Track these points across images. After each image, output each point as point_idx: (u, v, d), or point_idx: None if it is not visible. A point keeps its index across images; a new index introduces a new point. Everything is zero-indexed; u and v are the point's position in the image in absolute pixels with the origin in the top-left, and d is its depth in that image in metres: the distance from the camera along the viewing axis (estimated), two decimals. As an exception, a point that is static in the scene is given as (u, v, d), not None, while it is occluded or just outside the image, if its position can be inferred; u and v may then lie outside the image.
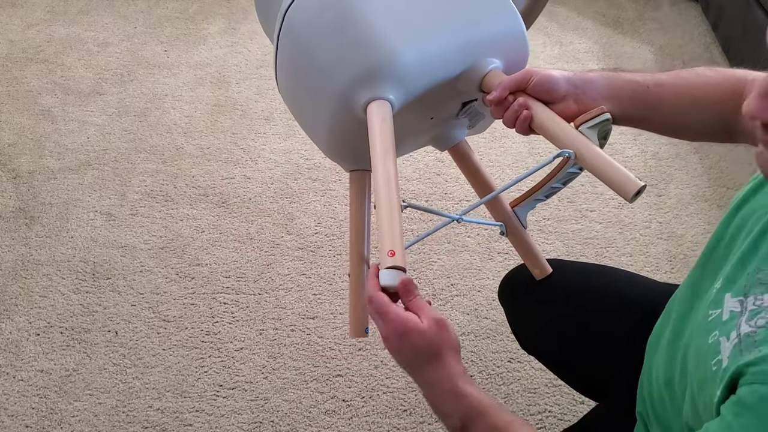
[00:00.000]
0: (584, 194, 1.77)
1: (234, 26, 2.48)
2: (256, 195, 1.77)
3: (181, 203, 1.74)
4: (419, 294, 0.65)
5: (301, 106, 0.83)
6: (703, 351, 0.56)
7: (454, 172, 1.83)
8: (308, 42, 0.76)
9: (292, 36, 0.78)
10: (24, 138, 1.95)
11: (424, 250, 1.61)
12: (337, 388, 1.34)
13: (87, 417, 1.29)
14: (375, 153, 0.70)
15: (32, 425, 1.28)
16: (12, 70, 2.22)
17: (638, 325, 0.81)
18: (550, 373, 1.36)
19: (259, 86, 2.17)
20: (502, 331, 1.43)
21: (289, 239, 1.65)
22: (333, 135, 0.79)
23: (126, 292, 1.51)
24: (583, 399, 1.32)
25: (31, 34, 2.40)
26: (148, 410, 1.30)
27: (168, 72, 2.22)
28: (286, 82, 0.83)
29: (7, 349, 1.40)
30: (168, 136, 1.96)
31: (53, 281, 1.54)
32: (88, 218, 1.69)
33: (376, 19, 0.73)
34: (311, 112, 0.81)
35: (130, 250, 1.61)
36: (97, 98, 2.11)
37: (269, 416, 1.30)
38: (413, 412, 1.30)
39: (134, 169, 1.85)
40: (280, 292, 1.52)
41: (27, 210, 1.72)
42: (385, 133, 0.71)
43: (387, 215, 0.66)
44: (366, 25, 0.73)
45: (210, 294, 1.51)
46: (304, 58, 0.78)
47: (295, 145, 1.94)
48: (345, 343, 1.42)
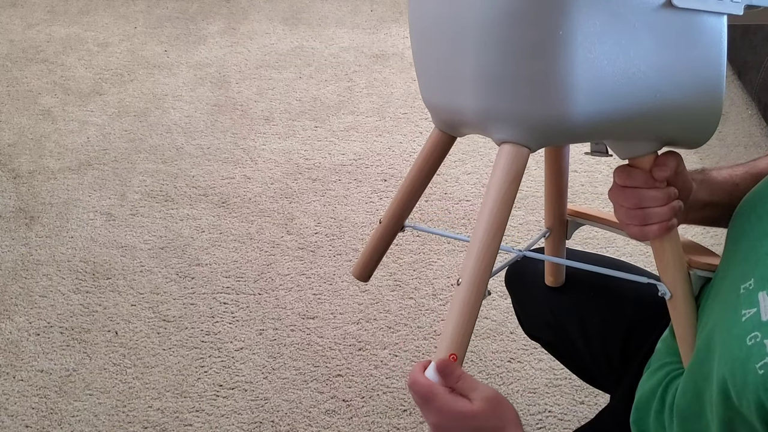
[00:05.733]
0: (584, 194, 1.77)
1: (234, 26, 2.48)
2: (256, 195, 1.77)
3: (181, 203, 1.74)
4: (463, 373, 0.57)
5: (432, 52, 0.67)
6: (740, 352, 0.53)
7: (454, 172, 1.83)
8: (491, 26, 0.59)
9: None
10: (24, 138, 1.95)
11: (424, 250, 1.61)
12: (337, 388, 1.34)
13: (87, 417, 1.29)
14: (485, 216, 0.60)
15: (32, 425, 1.28)
16: (12, 70, 2.22)
17: (639, 318, 0.81)
18: (550, 373, 1.36)
19: (259, 86, 2.17)
20: (502, 331, 1.43)
21: (289, 239, 1.65)
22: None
23: (126, 292, 1.51)
24: (583, 399, 1.32)
25: (31, 34, 2.40)
26: (148, 410, 1.30)
27: (168, 72, 2.22)
28: (427, 23, 0.67)
29: (7, 349, 1.40)
30: (168, 136, 1.96)
31: (53, 281, 1.54)
32: (88, 218, 1.69)
33: (576, 68, 0.56)
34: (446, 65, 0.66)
35: (130, 250, 1.61)
36: (97, 98, 2.11)
37: (269, 416, 1.30)
38: (413, 412, 1.30)
39: (134, 169, 1.85)
40: (280, 292, 1.52)
41: (27, 210, 1.72)
42: (509, 193, 0.59)
43: (467, 309, 0.58)
44: (563, 64, 0.56)
45: (210, 294, 1.51)
46: (475, 33, 0.60)
47: (295, 145, 1.94)
48: (345, 343, 1.42)
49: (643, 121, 0.60)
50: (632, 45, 0.57)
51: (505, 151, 0.61)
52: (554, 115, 0.58)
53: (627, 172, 0.63)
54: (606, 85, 0.57)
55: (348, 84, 2.19)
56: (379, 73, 2.24)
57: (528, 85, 0.58)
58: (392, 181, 1.81)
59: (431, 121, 0.76)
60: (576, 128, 0.59)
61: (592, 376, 0.94)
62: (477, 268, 0.60)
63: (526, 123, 0.60)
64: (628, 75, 0.57)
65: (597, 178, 1.83)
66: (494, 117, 0.61)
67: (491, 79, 0.60)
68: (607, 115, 0.58)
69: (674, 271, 0.65)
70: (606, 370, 0.88)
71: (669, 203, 0.62)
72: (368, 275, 0.81)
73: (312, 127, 2.01)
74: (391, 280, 1.54)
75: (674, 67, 0.58)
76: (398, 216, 0.77)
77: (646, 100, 0.58)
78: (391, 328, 1.45)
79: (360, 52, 2.35)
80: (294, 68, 2.26)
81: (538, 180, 1.81)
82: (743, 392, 0.51)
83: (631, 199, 0.63)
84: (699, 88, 0.59)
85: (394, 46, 2.38)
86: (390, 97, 2.12)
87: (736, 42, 2.13)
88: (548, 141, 0.62)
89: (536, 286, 0.94)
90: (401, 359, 1.39)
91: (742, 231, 0.63)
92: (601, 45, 0.56)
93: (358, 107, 2.09)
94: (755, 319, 0.53)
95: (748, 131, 2.00)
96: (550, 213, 0.85)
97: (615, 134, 0.62)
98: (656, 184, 0.62)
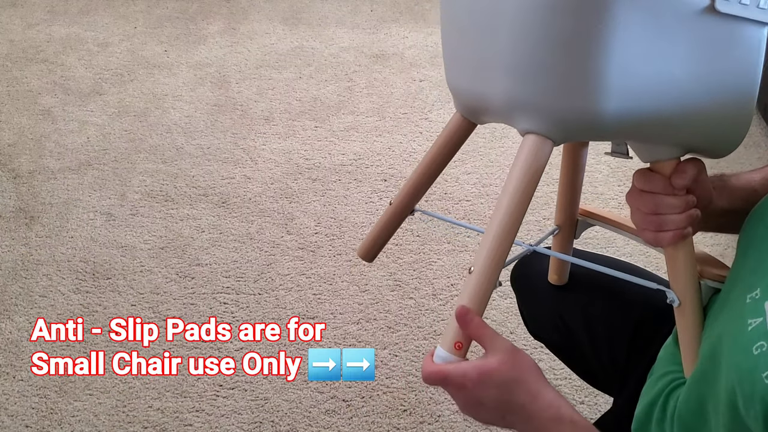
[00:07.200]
0: (584, 194, 1.77)
1: (234, 26, 2.48)
2: (256, 195, 1.77)
3: (181, 203, 1.74)
4: (478, 319, 0.57)
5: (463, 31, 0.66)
6: (747, 362, 0.52)
7: (454, 172, 1.83)
8: (529, 14, 0.57)
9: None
10: (24, 138, 1.95)
11: (424, 250, 1.61)
12: (337, 388, 1.34)
13: (87, 417, 1.29)
14: (503, 206, 0.59)
15: (32, 425, 1.28)
16: (12, 70, 2.22)
17: (645, 321, 0.81)
18: (550, 373, 1.36)
19: (259, 86, 2.17)
20: (502, 331, 1.43)
21: (289, 239, 1.65)
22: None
23: (126, 292, 1.51)
24: (583, 399, 1.32)
25: (31, 34, 2.41)
26: (148, 410, 1.30)
27: (168, 72, 2.22)
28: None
29: (7, 349, 1.40)
30: (168, 136, 1.96)
31: (53, 281, 1.54)
32: (88, 218, 1.70)
33: (611, 64, 0.55)
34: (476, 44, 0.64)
35: (130, 250, 1.61)
36: (97, 98, 2.11)
37: (269, 416, 1.30)
38: (413, 412, 1.30)
39: (134, 169, 1.85)
40: (280, 292, 1.52)
41: (27, 210, 1.72)
42: (530, 185, 0.59)
43: (477, 297, 0.57)
44: (599, 59, 0.55)
45: (210, 294, 1.51)
46: (513, 15, 0.59)
47: (295, 145, 1.94)
48: (345, 343, 1.42)
49: (670, 125, 0.59)
50: (670, 47, 0.56)
51: (529, 141, 0.60)
52: (583, 110, 0.57)
53: (647, 176, 0.63)
54: (639, 85, 0.56)
55: (348, 84, 2.19)
56: (379, 73, 2.24)
57: (560, 77, 0.57)
58: (392, 181, 1.81)
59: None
60: (603, 125, 0.58)
61: (596, 377, 0.94)
62: (490, 257, 0.58)
63: (553, 115, 0.59)
64: (661, 77, 0.56)
65: (597, 178, 1.83)
66: (522, 106, 0.60)
67: (524, 67, 0.59)
68: (636, 116, 0.57)
69: (685, 280, 0.64)
70: (610, 372, 0.88)
71: (686, 211, 0.62)
72: (373, 256, 0.80)
73: (312, 127, 2.01)
74: (391, 280, 1.54)
75: (708, 74, 0.57)
76: (410, 198, 0.76)
77: (676, 105, 0.57)
78: (391, 328, 1.45)
79: (360, 52, 2.35)
80: (294, 68, 2.27)
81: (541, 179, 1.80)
82: (750, 402, 0.51)
83: (648, 204, 0.63)
84: (730, 97, 0.58)
85: (394, 46, 2.38)
86: (390, 97, 2.12)
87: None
88: (573, 135, 0.62)
89: (542, 286, 0.94)
90: (401, 359, 1.39)
91: (751, 241, 0.62)
92: (639, 44, 0.55)
93: (358, 107, 2.09)
94: (761, 329, 0.53)
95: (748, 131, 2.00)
96: (561, 210, 0.84)
97: (640, 136, 0.62)
98: (675, 191, 0.62)
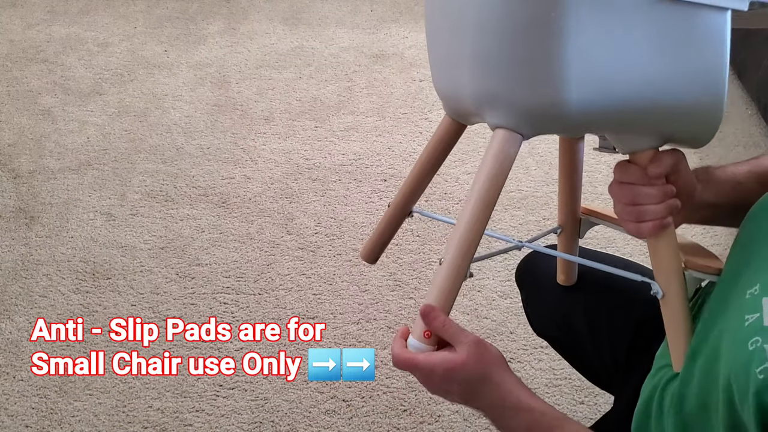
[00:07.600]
0: (584, 195, 1.77)
1: (234, 26, 2.48)
2: (256, 195, 1.77)
3: (181, 203, 1.74)
4: (442, 317, 0.59)
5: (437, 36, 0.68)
6: (742, 357, 0.53)
7: (454, 172, 1.83)
8: (486, 6, 0.57)
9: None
10: (24, 138, 1.95)
11: (424, 250, 1.61)
12: (337, 388, 1.34)
13: (87, 417, 1.29)
14: (472, 199, 0.59)
15: (32, 425, 1.28)
16: (12, 70, 2.22)
17: (647, 320, 0.81)
18: (550, 373, 1.36)
19: (259, 86, 2.17)
20: (502, 331, 1.43)
21: (289, 239, 1.65)
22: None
23: (126, 292, 1.51)
24: (583, 399, 1.32)
25: (31, 34, 2.41)
26: (148, 410, 1.30)
27: (168, 72, 2.22)
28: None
29: (7, 349, 1.40)
30: (168, 136, 1.96)
31: (53, 281, 1.54)
32: (88, 218, 1.70)
33: (569, 52, 0.55)
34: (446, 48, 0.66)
35: (130, 250, 1.61)
36: (97, 98, 2.11)
37: (269, 416, 1.30)
38: (413, 412, 1.30)
39: (134, 169, 1.85)
40: (280, 292, 1.52)
41: (27, 210, 1.72)
42: (498, 178, 0.59)
43: (446, 289, 0.58)
44: (556, 47, 0.54)
45: (210, 294, 1.51)
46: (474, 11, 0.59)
47: (295, 145, 1.94)
48: (345, 343, 1.42)
49: (638, 115, 0.59)
50: (626, 35, 0.55)
51: (498, 135, 0.60)
52: (546, 101, 0.57)
53: (625, 167, 0.63)
54: (598, 74, 0.56)
55: (348, 84, 2.19)
56: (379, 73, 2.24)
57: (520, 67, 0.57)
58: (392, 181, 1.81)
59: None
60: (568, 116, 0.57)
61: (598, 375, 0.94)
62: (459, 248, 0.59)
63: (518, 108, 0.59)
64: (622, 66, 0.56)
65: (597, 178, 1.83)
66: (488, 100, 0.61)
67: (485, 60, 0.59)
68: (601, 106, 0.57)
69: (668, 271, 0.64)
70: (612, 372, 0.88)
71: (664, 201, 0.62)
72: (375, 257, 0.81)
73: (312, 127, 2.01)
74: (391, 280, 1.54)
75: (672, 63, 0.56)
76: (407, 201, 0.78)
77: (641, 94, 0.57)
78: (391, 328, 1.45)
79: (360, 52, 2.35)
80: (294, 68, 2.27)
81: (538, 180, 1.81)
82: (744, 396, 0.51)
83: (626, 194, 0.63)
84: (699, 86, 0.57)
85: (394, 46, 2.38)
86: (390, 97, 2.12)
87: (736, 42, 2.13)
88: (541, 128, 0.62)
89: (546, 284, 0.94)
90: (401, 359, 1.39)
91: (753, 236, 0.62)
92: (594, 31, 0.54)
93: (358, 107, 2.09)
94: (757, 324, 0.53)
95: (748, 131, 2.00)
96: (562, 209, 0.84)
97: (611, 127, 0.61)
98: (652, 181, 0.61)
